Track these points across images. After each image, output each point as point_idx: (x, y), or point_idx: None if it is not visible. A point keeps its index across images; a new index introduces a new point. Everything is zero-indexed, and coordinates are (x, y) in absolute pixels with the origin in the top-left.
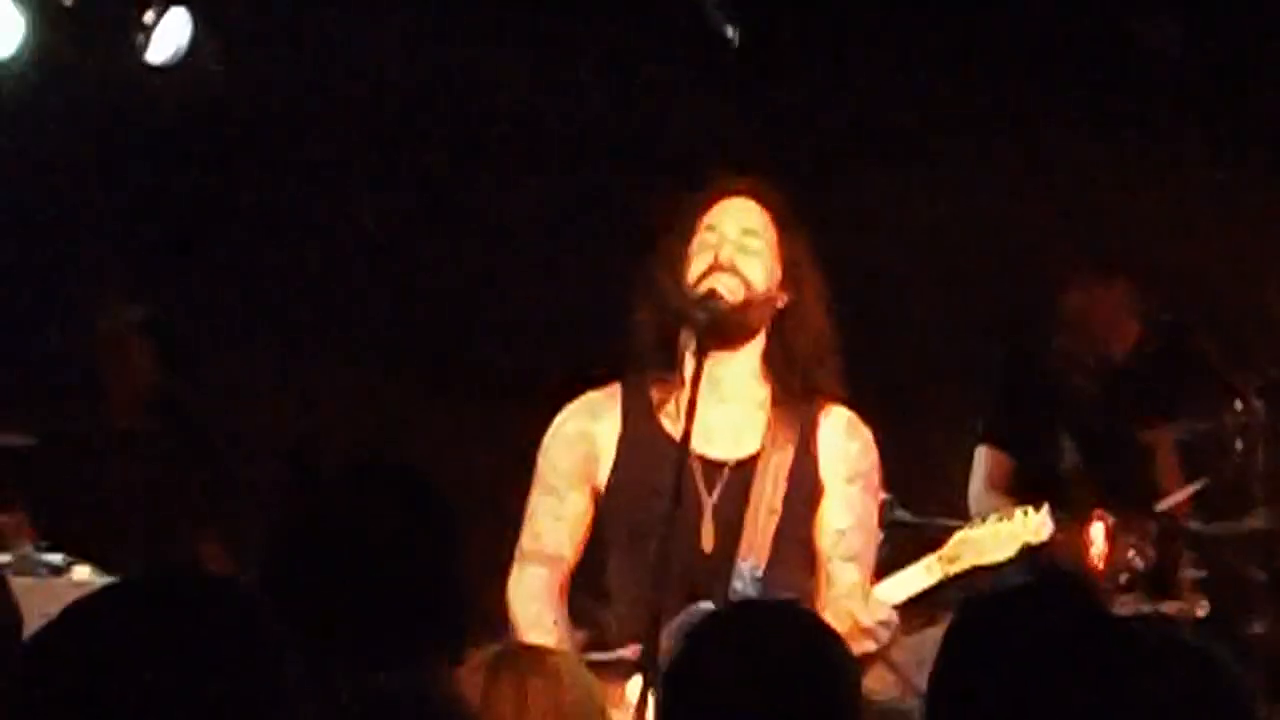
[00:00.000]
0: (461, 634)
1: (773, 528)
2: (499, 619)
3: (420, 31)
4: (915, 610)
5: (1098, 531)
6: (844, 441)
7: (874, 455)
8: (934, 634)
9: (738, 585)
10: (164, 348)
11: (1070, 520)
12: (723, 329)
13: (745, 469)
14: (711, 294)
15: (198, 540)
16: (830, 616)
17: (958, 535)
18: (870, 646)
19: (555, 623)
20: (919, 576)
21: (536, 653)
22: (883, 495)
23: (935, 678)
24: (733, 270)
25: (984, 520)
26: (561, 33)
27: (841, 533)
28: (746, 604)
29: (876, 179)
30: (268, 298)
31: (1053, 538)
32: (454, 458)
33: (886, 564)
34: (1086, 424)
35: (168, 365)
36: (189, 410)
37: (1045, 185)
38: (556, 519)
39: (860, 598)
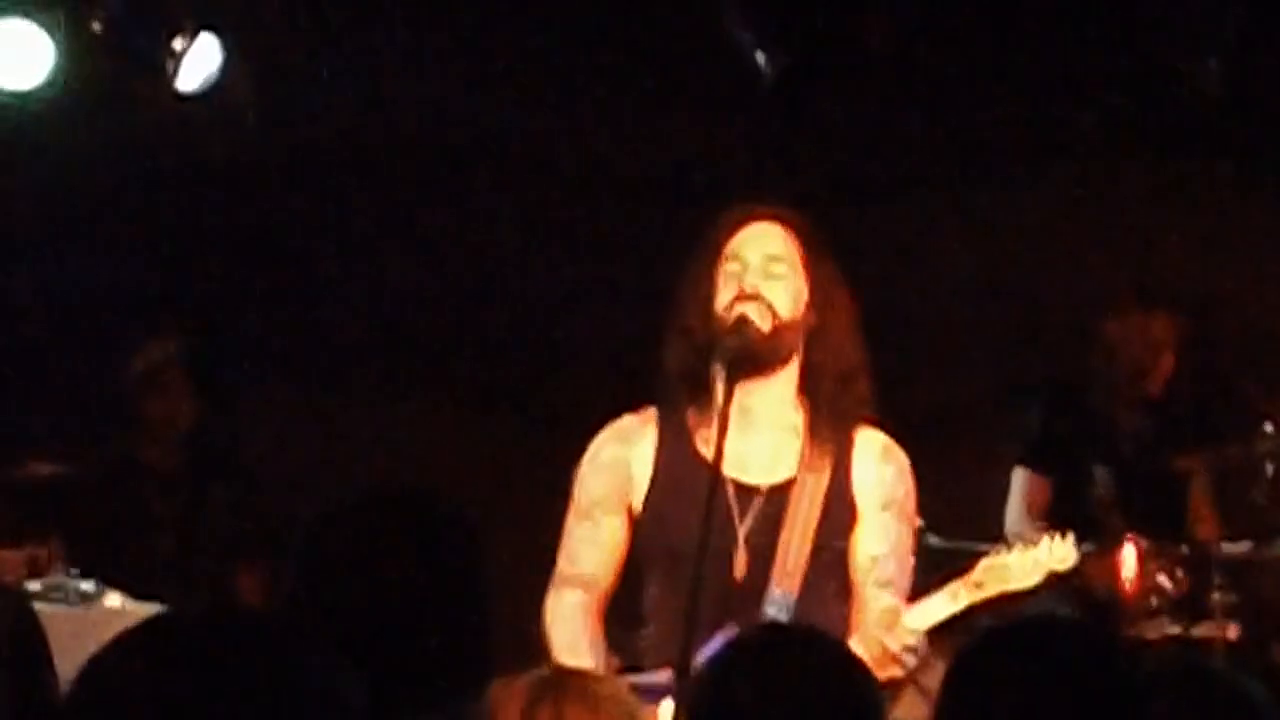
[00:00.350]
0: (483, 668)
1: (807, 554)
2: (535, 644)
3: (450, 60)
4: (948, 635)
5: (1129, 556)
6: (879, 467)
7: (909, 481)
8: None
9: (770, 611)
10: (201, 380)
11: (1103, 545)
12: (752, 357)
13: (780, 495)
14: (743, 320)
15: (235, 575)
16: (858, 642)
17: (984, 562)
18: (897, 672)
19: (590, 646)
20: (945, 603)
21: (576, 678)
22: (917, 522)
23: (940, 711)
24: (758, 298)
25: (1010, 547)
26: (590, 64)
27: (875, 559)
28: (771, 629)
29: (911, 207)
30: (300, 326)
31: (1086, 562)
32: (489, 484)
33: (917, 590)
34: (1121, 452)
35: (204, 398)
36: (226, 444)
37: (1081, 215)
38: (592, 545)
39: (890, 624)
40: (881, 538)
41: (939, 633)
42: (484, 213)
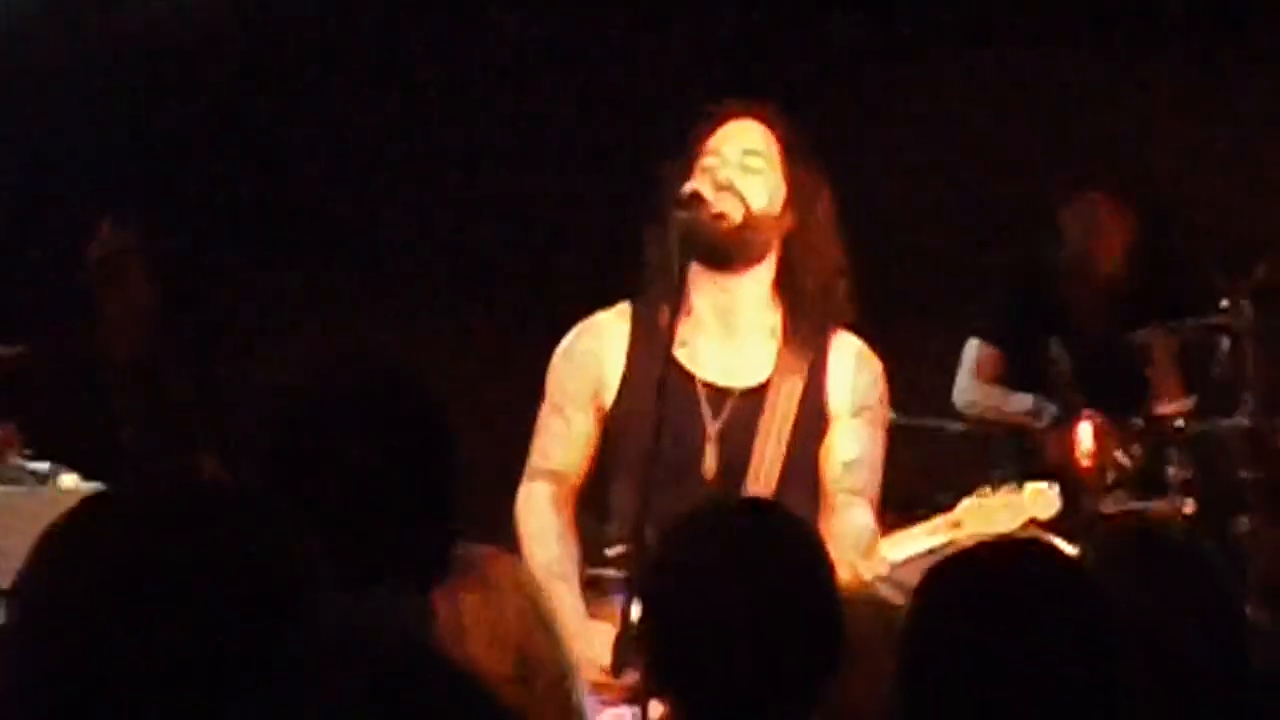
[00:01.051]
0: (445, 551)
1: (781, 458)
2: (506, 538)
3: None
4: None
5: (1085, 431)
6: (853, 373)
7: (882, 387)
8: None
9: None
10: (163, 269)
11: (1059, 421)
12: (724, 250)
13: (754, 397)
14: (695, 195)
15: (196, 459)
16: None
17: (965, 502)
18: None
19: (559, 537)
20: (923, 538)
21: (473, 562)
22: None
23: (906, 638)
24: (731, 189)
25: (995, 490)
26: None
27: (848, 465)
28: (722, 501)
29: (875, 89)
30: (270, 214)
31: (1043, 437)
32: (465, 377)
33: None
34: (1078, 328)
35: (166, 286)
36: (190, 332)
37: (1041, 97)
38: (563, 440)
39: (864, 545)
40: (854, 444)
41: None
42: (464, 98)
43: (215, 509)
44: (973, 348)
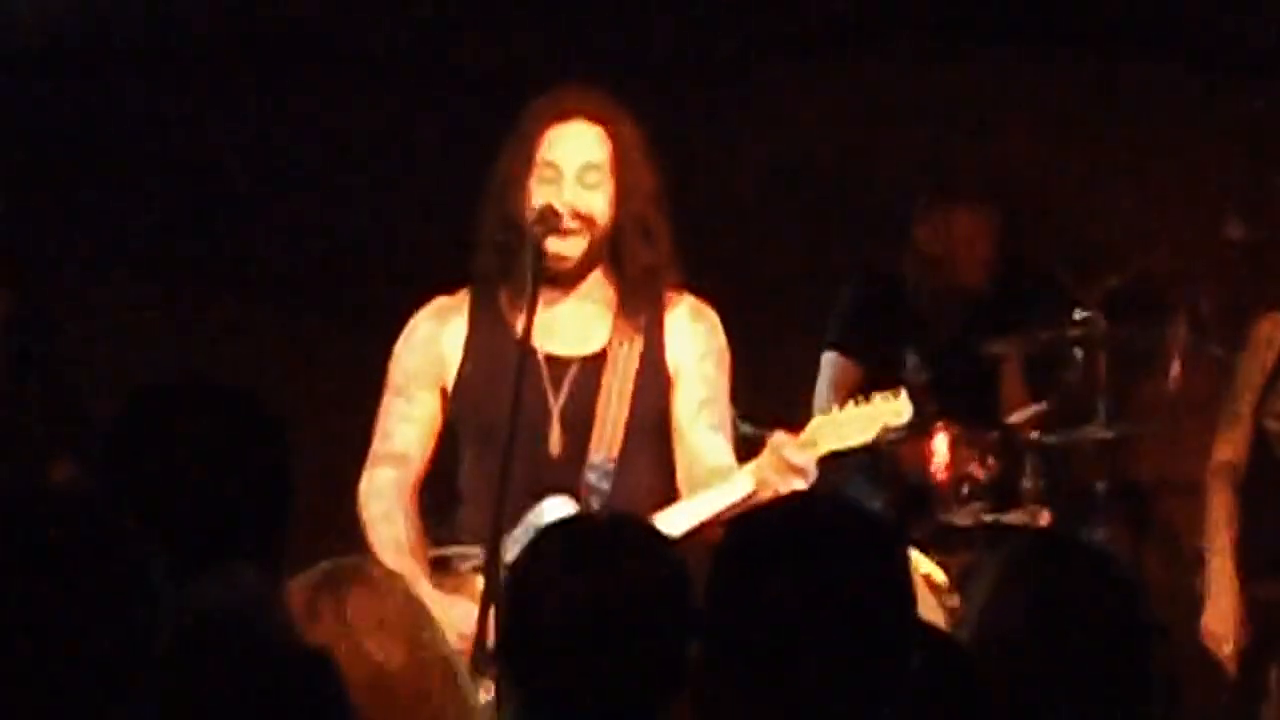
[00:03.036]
0: (275, 553)
1: (623, 422)
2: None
3: None
4: None
5: (940, 443)
6: (690, 326)
7: (721, 337)
8: None
9: (590, 478)
10: (10, 275)
11: (914, 432)
12: (569, 277)
13: (593, 365)
14: (549, 210)
15: (48, 468)
16: (749, 472)
17: (815, 421)
18: (799, 484)
19: (403, 520)
20: None
21: (354, 568)
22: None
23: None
24: (574, 215)
25: (841, 407)
26: None
27: (703, 403)
28: (585, 518)
29: (730, 87)
30: (114, 220)
31: (898, 449)
32: (312, 386)
33: None
34: (934, 338)
35: (15, 293)
36: (40, 340)
37: (897, 101)
38: (405, 420)
39: (783, 444)
40: (703, 385)
41: None
42: (295, 101)
43: (48, 515)
44: (829, 361)
